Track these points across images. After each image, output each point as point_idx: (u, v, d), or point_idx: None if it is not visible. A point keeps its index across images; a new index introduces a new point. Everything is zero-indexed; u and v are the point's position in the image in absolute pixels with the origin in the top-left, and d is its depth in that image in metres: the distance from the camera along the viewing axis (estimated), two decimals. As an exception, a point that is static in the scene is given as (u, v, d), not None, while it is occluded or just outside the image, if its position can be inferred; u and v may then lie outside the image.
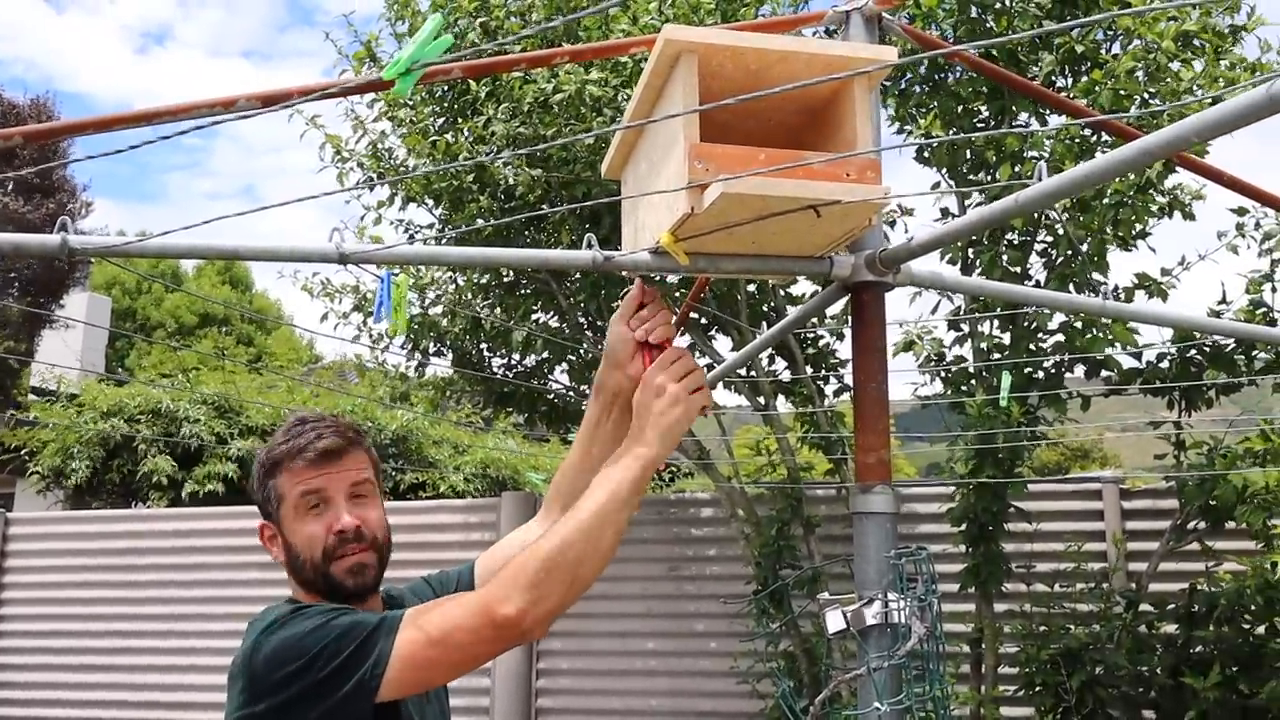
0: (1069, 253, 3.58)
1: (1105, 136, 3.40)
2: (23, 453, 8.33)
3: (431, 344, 4.78)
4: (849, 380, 4.62)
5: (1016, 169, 3.51)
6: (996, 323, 3.83)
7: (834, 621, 1.69)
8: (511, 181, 4.04)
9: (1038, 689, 3.69)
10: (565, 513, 1.47)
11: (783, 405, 4.77)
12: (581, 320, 4.69)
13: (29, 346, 12.83)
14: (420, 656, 1.25)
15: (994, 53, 3.51)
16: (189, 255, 1.74)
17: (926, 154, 3.84)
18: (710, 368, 4.80)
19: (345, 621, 1.29)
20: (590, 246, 1.58)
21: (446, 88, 4.22)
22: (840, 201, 1.33)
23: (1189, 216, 3.62)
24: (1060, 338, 3.74)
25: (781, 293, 4.59)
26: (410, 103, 4.28)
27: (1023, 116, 3.81)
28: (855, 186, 1.35)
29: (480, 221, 4.06)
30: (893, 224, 4.22)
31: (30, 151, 11.60)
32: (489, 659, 1.32)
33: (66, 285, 13.48)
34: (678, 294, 4.39)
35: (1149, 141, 1.12)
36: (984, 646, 4.08)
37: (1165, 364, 3.84)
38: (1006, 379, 2.96)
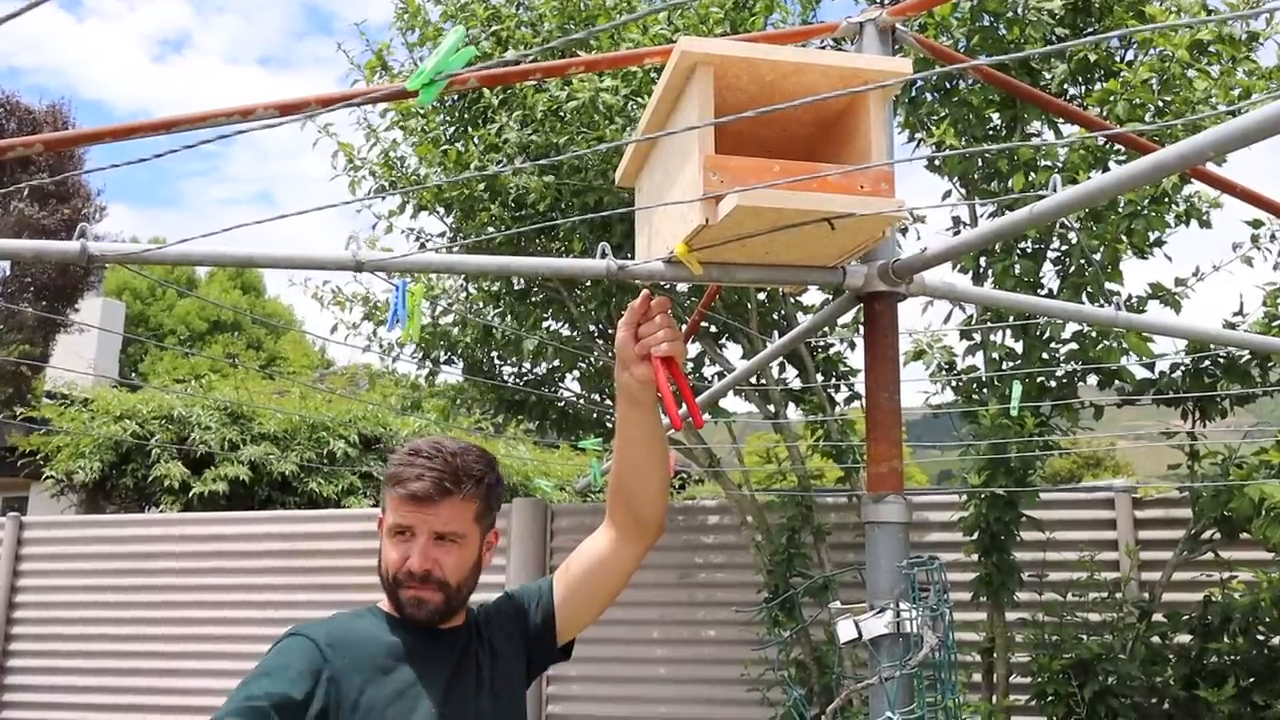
0: (1082, 261, 3.58)
1: (1119, 146, 3.40)
2: (37, 457, 8.38)
3: (442, 353, 4.80)
4: (860, 388, 4.62)
5: (1030, 177, 3.51)
6: (1009, 332, 3.82)
7: (846, 631, 1.69)
8: (522, 190, 4.06)
9: (1049, 699, 3.67)
10: (621, 515, 1.58)
11: (793, 413, 4.76)
12: (592, 328, 4.70)
13: (44, 350, 12.92)
14: None
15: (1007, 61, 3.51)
16: (207, 262, 1.76)
17: (938, 162, 3.84)
18: (720, 375, 4.80)
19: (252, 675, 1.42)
20: (604, 256, 1.59)
21: (458, 96, 4.24)
22: (854, 214, 1.34)
23: (1205, 225, 3.61)
24: (1074, 346, 3.73)
25: (792, 300, 4.59)
26: (421, 111, 4.30)
27: (1035, 124, 3.81)
28: (869, 199, 1.36)
29: (491, 230, 4.08)
30: (905, 231, 4.22)
31: (47, 158, 11.69)
32: None
33: (80, 290, 13.58)
34: (688, 301, 4.40)
35: (1163, 156, 1.13)
36: (995, 656, 4.06)
37: (1178, 374, 3.82)
38: (1017, 389, 2.95)
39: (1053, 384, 3.77)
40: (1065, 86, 3.68)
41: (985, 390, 3.84)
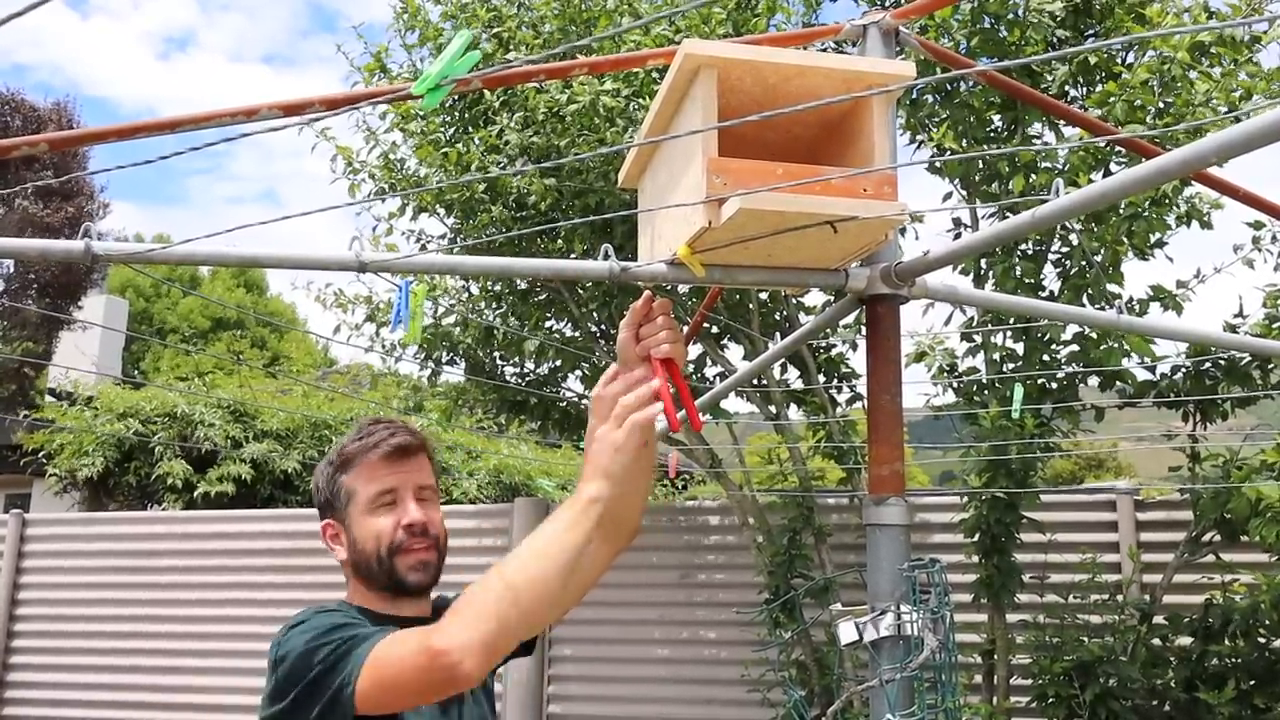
0: (1083, 263, 3.58)
1: (1119, 148, 3.40)
2: (40, 455, 8.39)
3: (444, 354, 4.80)
4: (862, 389, 4.62)
5: (1031, 179, 3.51)
6: (1010, 333, 3.82)
7: (847, 633, 1.69)
8: (523, 191, 4.06)
9: (1050, 701, 3.67)
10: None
11: (794, 414, 4.77)
12: (594, 328, 4.71)
13: (47, 348, 12.93)
14: (378, 678, 1.24)
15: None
16: (210, 262, 1.76)
17: (939, 164, 3.84)
18: (722, 376, 4.81)
19: (342, 634, 1.30)
20: (607, 258, 1.60)
21: (459, 97, 4.24)
22: (857, 218, 1.34)
23: (1207, 226, 3.61)
24: (1075, 348, 3.73)
25: (794, 301, 4.59)
26: (422, 114, 4.30)
27: (1036, 126, 3.81)
28: (872, 203, 1.36)
29: (492, 230, 4.08)
30: (903, 231, 4.21)
31: (52, 156, 11.71)
32: (435, 694, 1.28)
33: (84, 287, 13.60)
34: (690, 302, 4.40)
35: (1165, 161, 1.13)
36: (996, 658, 4.06)
37: (1179, 376, 3.82)
38: (1019, 391, 2.95)
39: (1054, 386, 3.77)
40: (1066, 88, 3.68)
41: (986, 392, 3.84)
